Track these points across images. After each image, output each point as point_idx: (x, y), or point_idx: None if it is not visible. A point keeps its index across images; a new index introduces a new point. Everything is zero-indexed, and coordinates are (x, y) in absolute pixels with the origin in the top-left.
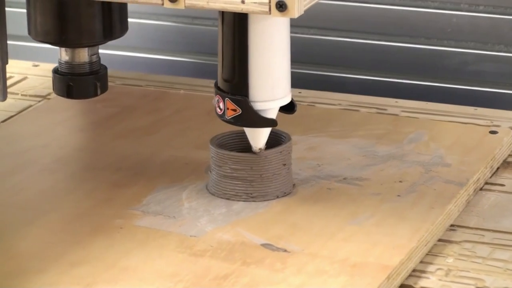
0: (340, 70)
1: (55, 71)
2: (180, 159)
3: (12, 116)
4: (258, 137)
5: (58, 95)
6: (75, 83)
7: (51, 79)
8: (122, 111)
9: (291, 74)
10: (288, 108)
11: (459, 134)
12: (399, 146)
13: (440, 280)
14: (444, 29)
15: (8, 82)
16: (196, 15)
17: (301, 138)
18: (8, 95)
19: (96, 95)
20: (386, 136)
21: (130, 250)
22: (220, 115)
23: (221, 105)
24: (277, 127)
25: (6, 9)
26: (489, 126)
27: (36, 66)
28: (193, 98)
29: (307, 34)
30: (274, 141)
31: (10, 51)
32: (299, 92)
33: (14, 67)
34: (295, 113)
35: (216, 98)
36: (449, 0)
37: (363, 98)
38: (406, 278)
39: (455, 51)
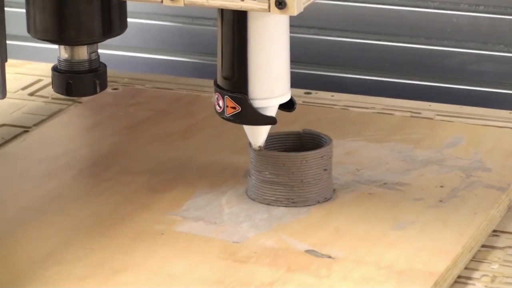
0: (340, 70)
1: (54, 68)
2: (218, 163)
3: (43, 120)
4: (258, 135)
5: (58, 93)
6: (75, 81)
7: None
8: (155, 115)
9: (292, 74)
10: (288, 106)
11: (496, 138)
12: (438, 150)
13: (486, 286)
14: (444, 29)
15: (38, 85)
16: (196, 15)
17: (338, 142)
18: (39, 98)
19: (95, 93)
20: (424, 140)
21: (173, 256)
22: (219, 112)
23: (221, 102)
24: (318, 130)
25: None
26: None
27: None
28: None
29: (307, 34)
30: (314, 144)
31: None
32: (332, 96)
33: (42, 70)
34: (331, 116)
35: (216, 95)
36: (449, 0)
37: (397, 101)
38: (452, 285)
39: (455, 51)
